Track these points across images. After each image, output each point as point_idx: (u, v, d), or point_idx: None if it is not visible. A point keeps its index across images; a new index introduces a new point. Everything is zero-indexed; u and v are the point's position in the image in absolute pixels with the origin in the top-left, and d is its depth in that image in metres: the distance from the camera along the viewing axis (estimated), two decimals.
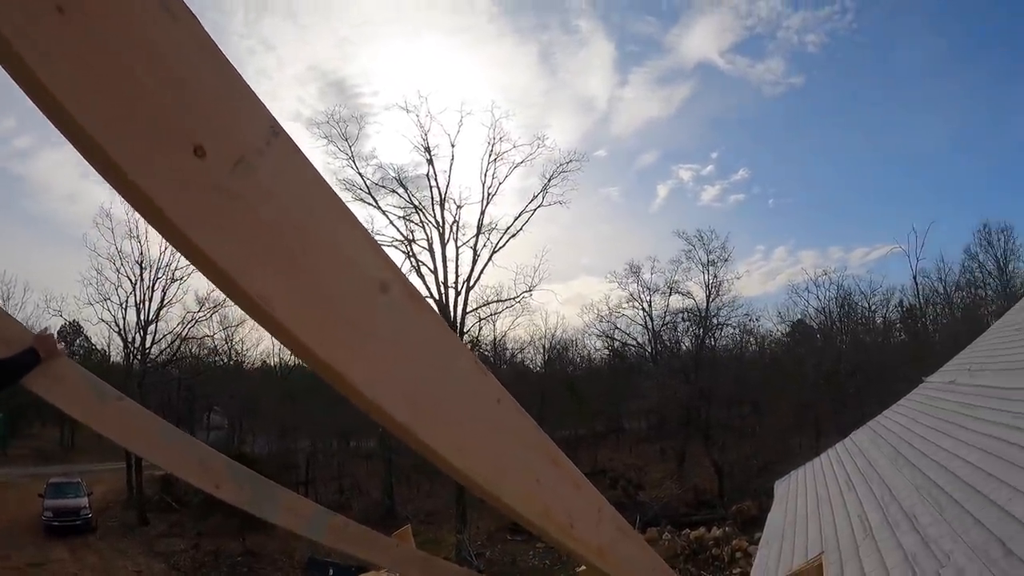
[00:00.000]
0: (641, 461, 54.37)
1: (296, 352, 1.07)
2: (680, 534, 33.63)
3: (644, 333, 62.90)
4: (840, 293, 58.73)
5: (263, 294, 0.97)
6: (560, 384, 61.39)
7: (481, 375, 1.37)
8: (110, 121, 0.83)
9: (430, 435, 1.22)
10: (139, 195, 0.86)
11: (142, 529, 40.23)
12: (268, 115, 1.00)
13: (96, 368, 54.01)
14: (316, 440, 51.39)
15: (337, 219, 1.09)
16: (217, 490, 3.61)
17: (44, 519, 35.69)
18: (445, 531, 39.33)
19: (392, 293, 1.16)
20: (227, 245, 0.93)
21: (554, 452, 1.59)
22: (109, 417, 3.39)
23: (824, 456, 15.95)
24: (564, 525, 1.61)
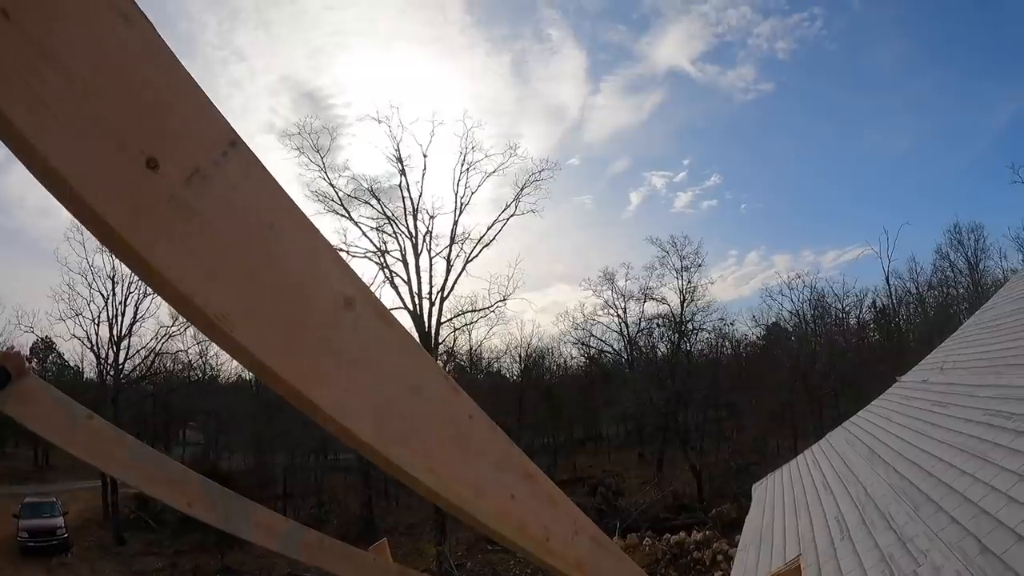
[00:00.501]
0: (620, 467, 54.38)
1: (259, 373, 1.02)
2: (661, 539, 33.61)
3: (620, 340, 63.18)
4: (813, 295, 59.15)
5: (222, 313, 0.93)
6: (537, 392, 61.45)
7: (452, 392, 1.33)
8: (53, 128, 0.80)
9: (399, 456, 1.18)
10: (85, 208, 0.82)
11: (119, 548, 39.77)
12: (225, 124, 0.96)
13: (69, 385, 54.00)
14: (293, 454, 51.07)
15: (300, 232, 1.06)
16: (189, 508, 3.55)
17: (19, 539, 35.08)
18: (425, 543, 39.14)
19: (358, 309, 1.13)
20: (183, 263, 0.89)
21: (528, 466, 1.56)
22: (79, 436, 3.32)
23: (801, 458, 16.03)
24: (540, 540, 1.58)
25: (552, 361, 69.71)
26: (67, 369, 60.04)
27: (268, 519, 3.96)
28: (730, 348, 64.82)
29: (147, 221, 0.86)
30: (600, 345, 63.91)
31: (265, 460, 51.43)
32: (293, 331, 1.02)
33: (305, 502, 50.09)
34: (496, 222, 50.03)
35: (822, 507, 10.15)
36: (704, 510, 40.22)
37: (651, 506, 41.47)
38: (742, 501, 35.24)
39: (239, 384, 63.61)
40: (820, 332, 58.86)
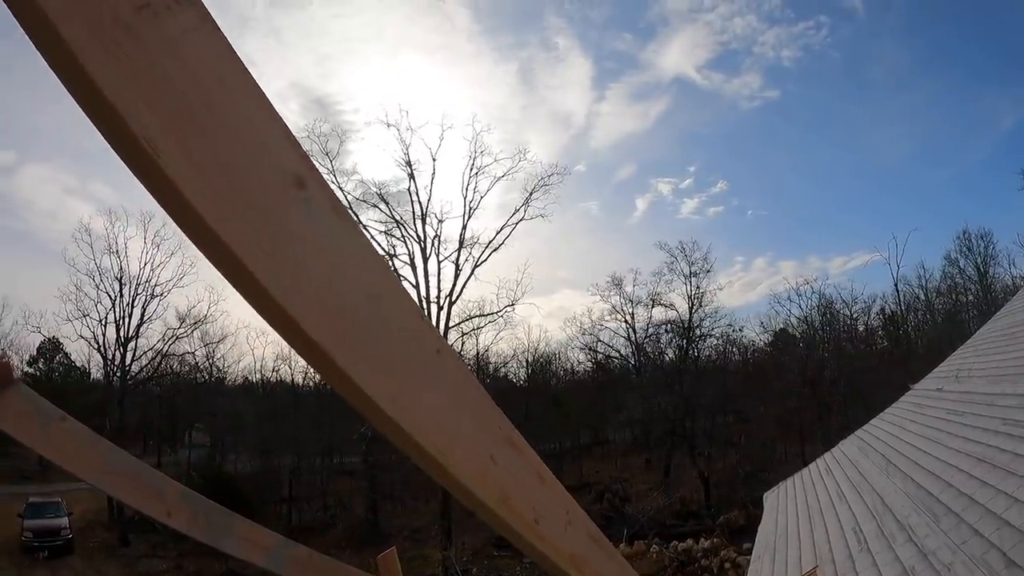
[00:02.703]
0: (627, 473, 54.15)
1: (186, 227, 0.91)
2: (668, 546, 33.40)
3: (627, 345, 63.31)
4: (822, 302, 58.97)
5: (149, 137, 0.84)
6: (544, 398, 61.33)
7: (418, 317, 1.19)
8: None
9: (354, 368, 1.03)
10: (36, 11, 0.77)
11: (123, 550, 39.79)
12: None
13: (76, 385, 54.17)
14: (299, 457, 50.94)
15: (250, 96, 0.99)
16: (168, 518, 3.38)
17: (24, 539, 35.11)
18: (430, 547, 39.00)
19: (310, 191, 1.01)
20: (118, 79, 0.82)
21: (512, 433, 1.41)
22: (52, 439, 3.18)
23: (813, 466, 15.79)
24: (528, 520, 1.42)
25: (559, 366, 69.89)
26: (74, 370, 59.99)
27: (253, 532, 3.76)
28: (738, 354, 64.67)
29: (90, 30, 0.80)
30: (608, 351, 64.04)
31: (271, 463, 51.29)
32: (231, 187, 0.93)
33: (311, 505, 50.18)
34: (505, 226, 50.06)
35: (837, 517, 9.92)
36: (712, 517, 40.03)
37: (658, 512, 41.26)
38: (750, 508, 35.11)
39: (246, 387, 63.70)
40: (828, 338, 58.47)
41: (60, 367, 60.34)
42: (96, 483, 3.31)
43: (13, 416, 3.16)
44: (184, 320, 52.04)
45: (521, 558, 33.44)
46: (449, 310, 49.27)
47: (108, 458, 3.30)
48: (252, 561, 3.74)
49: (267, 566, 3.79)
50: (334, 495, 50.69)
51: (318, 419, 47.49)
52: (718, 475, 46.86)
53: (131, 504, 3.36)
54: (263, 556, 3.76)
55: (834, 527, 9.61)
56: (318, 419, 47.49)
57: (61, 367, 60.37)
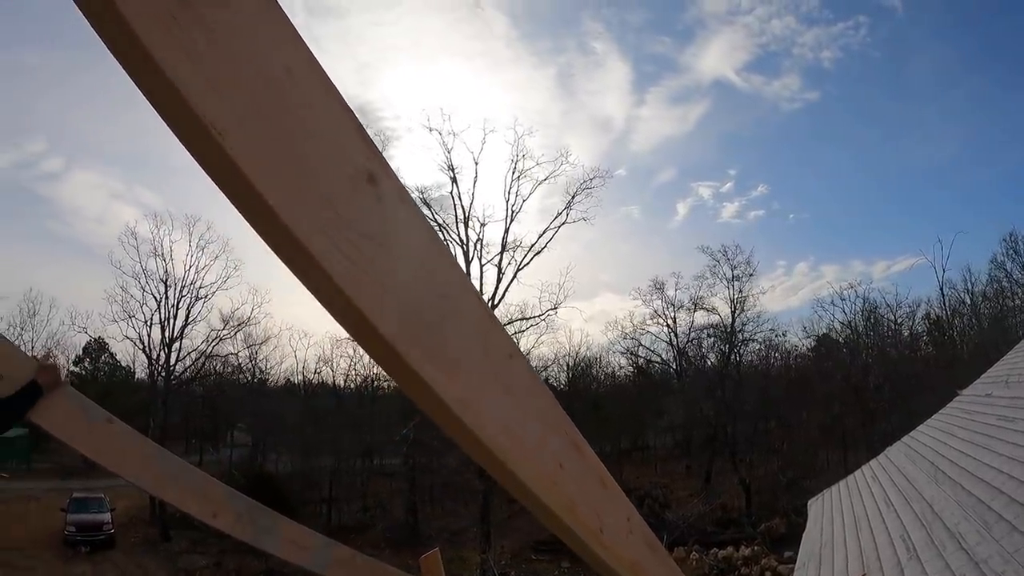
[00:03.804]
0: (667, 479, 53.72)
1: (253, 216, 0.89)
2: (708, 553, 33.20)
3: (669, 350, 62.61)
4: (866, 306, 57.88)
5: (216, 122, 0.82)
6: (585, 402, 60.93)
7: (489, 320, 1.17)
8: None
9: (426, 370, 1.01)
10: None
11: (164, 545, 40.35)
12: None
13: (121, 385, 54.99)
14: (340, 458, 51.15)
15: (321, 89, 0.95)
16: (214, 519, 3.41)
17: (67, 534, 35.80)
18: (469, 550, 39.02)
19: (382, 188, 1.00)
20: (182, 59, 0.80)
21: (577, 437, 1.40)
22: (97, 440, 3.23)
23: (858, 473, 15.59)
24: (593, 529, 1.41)
25: (600, 371, 69.44)
26: (119, 369, 61.23)
27: (297, 533, 3.77)
28: (780, 359, 63.64)
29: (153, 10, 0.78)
30: (649, 355, 63.60)
31: (312, 463, 51.54)
32: (301, 177, 0.90)
33: (350, 506, 50.39)
34: (547, 230, 49.96)
35: (885, 525, 9.77)
36: (753, 524, 39.67)
37: (698, 519, 40.95)
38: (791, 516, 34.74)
39: (288, 388, 64.16)
40: (872, 344, 57.63)
41: (106, 367, 61.70)
42: (142, 484, 3.33)
43: (60, 417, 3.19)
44: (228, 322, 52.67)
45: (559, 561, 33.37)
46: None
47: (154, 459, 3.33)
48: (295, 562, 3.74)
49: (310, 567, 3.79)
50: (374, 496, 50.92)
51: (359, 421, 47.75)
52: (759, 482, 46.41)
53: (177, 505, 3.38)
54: (307, 556, 3.76)
55: (882, 535, 9.47)
56: (359, 421, 47.75)
57: (107, 367, 61.71)
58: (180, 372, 50.91)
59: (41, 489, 45.48)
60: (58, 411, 3.20)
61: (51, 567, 32.79)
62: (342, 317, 0.97)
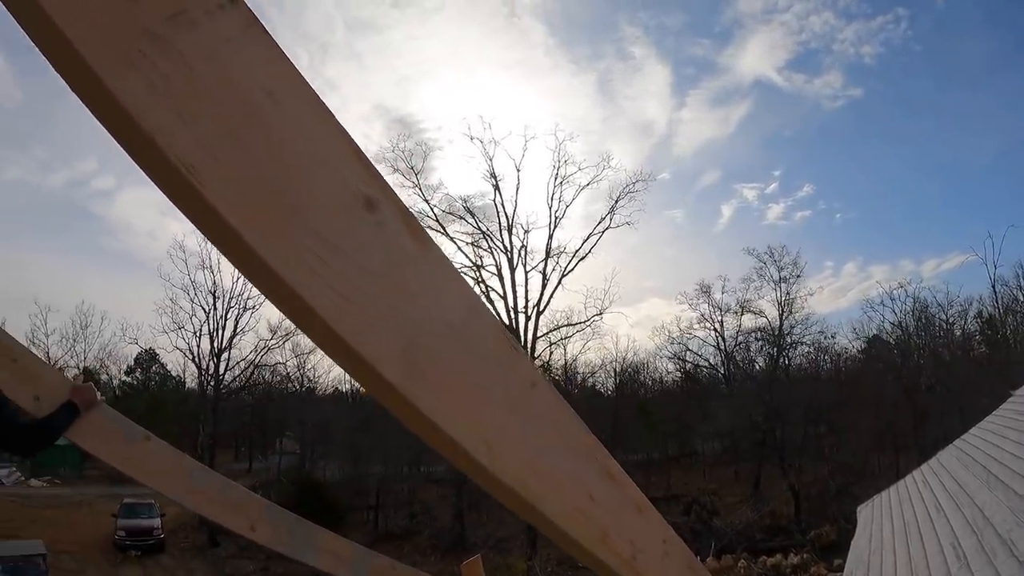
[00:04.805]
0: (715, 485, 53.04)
1: (238, 262, 0.84)
2: (756, 561, 32.77)
3: (716, 354, 62.35)
4: (916, 306, 56.37)
5: (189, 162, 0.77)
6: (632, 408, 60.67)
7: (509, 348, 1.10)
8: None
9: (440, 412, 0.97)
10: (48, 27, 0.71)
11: (212, 550, 41.17)
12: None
13: (171, 394, 55.96)
14: (387, 465, 51.50)
15: (308, 110, 0.90)
16: (252, 532, 3.45)
17: (117, 538, 36.84)
18: (515, 557, 38.97)
19: (382, 214, 0.93)
20: (147, 96, 0.75)
21: (609, 463, 1.32)
22: (136, 458, 3.28)
23: (909, 478, 15.34)
24: (626, 557, 1.33)
25: (647, 376, 68.88)
26: (169, 379, 62.58)
27: (336, 544, 3.80)
28: (830, 362, 62.72)
29: (113, 44, 0.74)
30: (696, 359, 63.10)
31: (359, 471, 51.97)
32: (289, 213, 0.85)
33: (397, 513, 50.61)
34: (591, 235, 49.98)
35: (935, 532, 9.60)
36: (802, 532, 39.15)
37: (747, 526, 40.51)
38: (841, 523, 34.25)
39: (336, 396, 64.83)
40: (923, 344, 56.30)
41: (156, 377, 62.99)
42: (180, 500, 3.38)
43: (98, 436, 3.24)
44: (275, 332, 53.55)
45: None
46: (537, 320, 49.49)
47: (192, 475, 3.37)
48: (335, 573, 3.75)
49: None
50: (421, 503, 51.07)
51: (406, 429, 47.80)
52: (809, 488, 45.77)
53: (215, 519, 3.42)
54: (346, 567, 3.78)
55: (931, 542, 9.30)
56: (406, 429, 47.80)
57: (157, 377, 62.96)
58: (229, 381, 51.93)
59: (92, 495, 46.63)
60: (96, 430, 3.25)
61: (102, 570, 33.58)
62: (343, 362, 0.92)
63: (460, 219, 50.02)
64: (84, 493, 47.95)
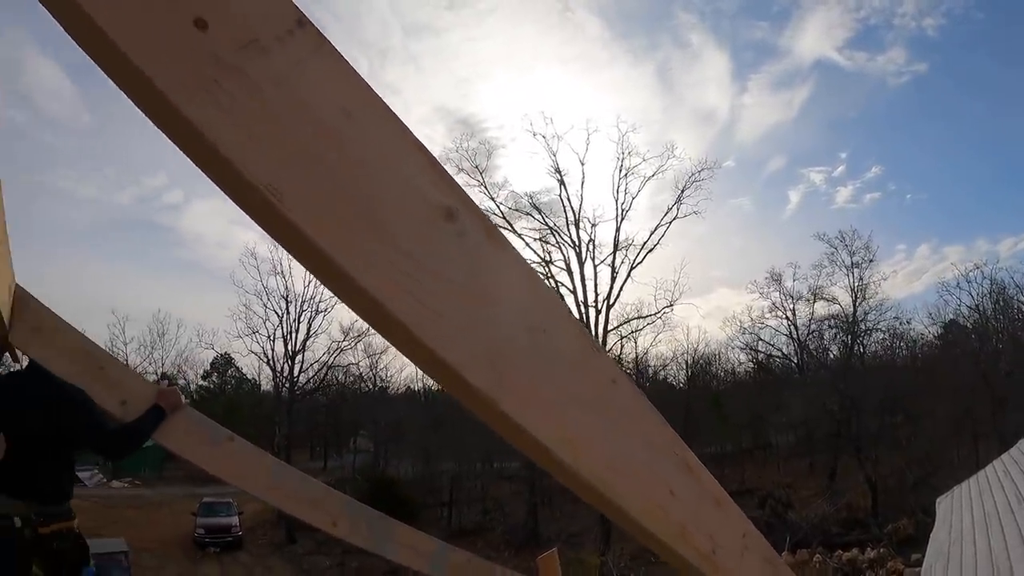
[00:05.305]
0: (789, 478, 51.85)
1: (325, 278, 0.87)
2: (832, 556, 32.10)
3: (789, 343, 60.88)
4: (994, 288, 53.67)
5: (270, 184, 0.80)
6: (704, 400, 59.89)
7: (589, 347, 1.12)
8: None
9: (524, 414, 0.98)
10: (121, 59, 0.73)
11: (290, 547, 42.09)
12: (293, 6, 0.87)
13: (247, 397, 57.14)
14: (460, 462, 51.79)
15: (384, 126, 0.91)
16: (334, 528, 3.57)
17: (196, 536, 38.07)
18: (588, 552, 38.88)
19: (462, 223, 0.95)
20: (226, 123, 0.78)
21: (688, 457, 1.33)
22: (220, 457, 3.40)
23: (989, 468, 15.02)
24: (705, 552, 1.33)
25: (719, 367, 67.73)
26: (245, 382, 64.03)
27: (414, 538, 3.87)
28: (905, 349, 60.74)
29: (187, 76, 0.77)
30: (768, 349, 61.78)
31: (432, 468, 52.35)
32: (372, 229, 0.86)
33: (470, 509, 50.99)
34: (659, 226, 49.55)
35: (1016, 522, 9.42)
36: (879, 525, 38.41)
37: (822, 520, 39.76)
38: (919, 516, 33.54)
39: (408, 395, 65.43)
40: (1002, 327, 53.97)
41: (232, 380, 64.61)
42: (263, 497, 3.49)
43: (184, 438, 3.37)
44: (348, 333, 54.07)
45: None
46: (607, 313, 49.22)
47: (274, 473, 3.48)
48: (412, 566, 3.84)
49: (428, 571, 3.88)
50: (493, 499, 51.21)
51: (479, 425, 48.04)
52: (886, 479, 44.77)
53: (297, 515, 3.53)
54: (424, 561, 3.85)
55: (1012, 533, 9.13)
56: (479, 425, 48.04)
57: (233, 380, 64.55)
58: (303, 383, 52.69)
59: (172, 495, 48.07)
60: (182, 432, 3.38)
61: (181, 567, 34.56)
62: (430, 370, 0.95)
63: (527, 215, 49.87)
64: (164, 493, 49.54)
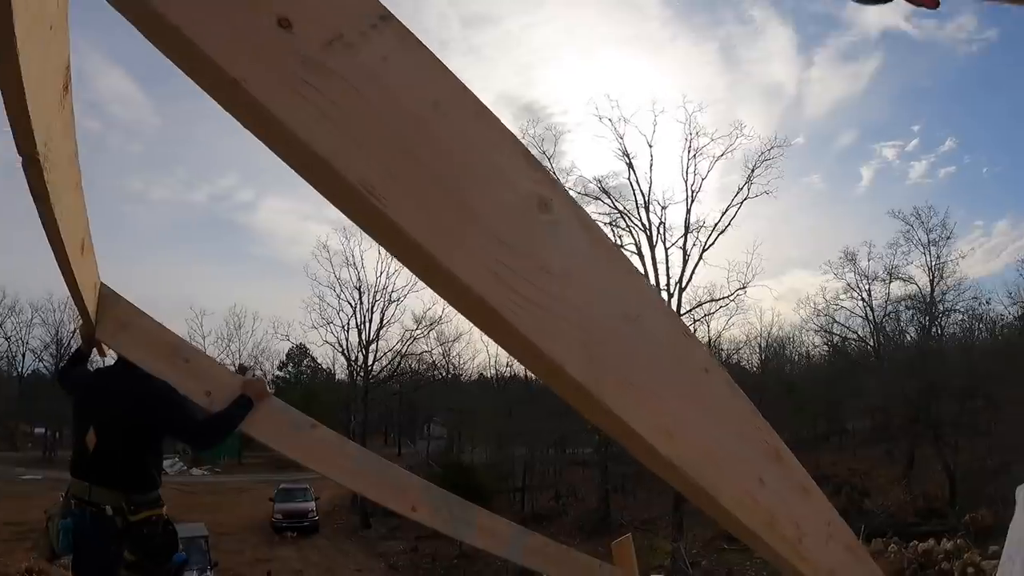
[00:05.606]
0: (865, 465, 50.57)
1: (421, 272, 0.89)
2: (907, 546, 31.30)
3: (865, 325, 58.69)
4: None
5: (366, 182, 0.81)
6: (778, 384, 58.10)
7: (683, 335, 1.12)
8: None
9: (620, 403, 0.97)
10: (206, 61, 0.74)
11: (364, 532, 42.96)
12: (374, 1, 0.86)
13: (322, 386, 58.39)
14: (533, 448, 51.94)
15: (474, 117, 0.91)
16: (413, 512, 3.65)
17: (274, 520, 39.34)
18: (660, 539, 38.69)
19: (556, 213, 0.95)
20: (319, 123, 0.79)
21: (777, 443, 1.34)
22: (304, 445, 3.50)
23: None
24: (792, 539, 1.33)
25: (793, 351, 66.46)
26: (320, 372, 65.66)
27: (492, 523, 3.94)
28: (985, 331, 58.28)
29: (276, 77, 0.77)
30: (844, 332, 59.69)
31: (505, 454, 52.53)
32: (468, 222, 0.87)
33: (543, 495, 51.24)
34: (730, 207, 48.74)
35: None
36: (957, 515, 37.40)
37: (899, 509, 38.87)
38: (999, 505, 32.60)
39: (481, 381, 65.70)
40: None
41: (307, 370, 66.46)
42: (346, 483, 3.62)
43: (269, 427, 3.49)
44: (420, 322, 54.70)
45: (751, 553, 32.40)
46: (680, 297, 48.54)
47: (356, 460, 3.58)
48: (491, 550, 3.93)
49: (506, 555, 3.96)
50: (566, 485, 51.56)
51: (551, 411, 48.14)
52: (966, 467, 43.22)
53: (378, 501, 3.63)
54: (502, 545, 3.91)
55: None
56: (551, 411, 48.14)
57: (308, 370, 66.36)
58: (377, 371, 53.40)
59: (251, 481, 50.13)
60: (267, 421, 3.50)
61: (259, 551, 35.35)
62: (527, 361, 0.95)
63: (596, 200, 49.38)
64: (243, 480, 51.70)
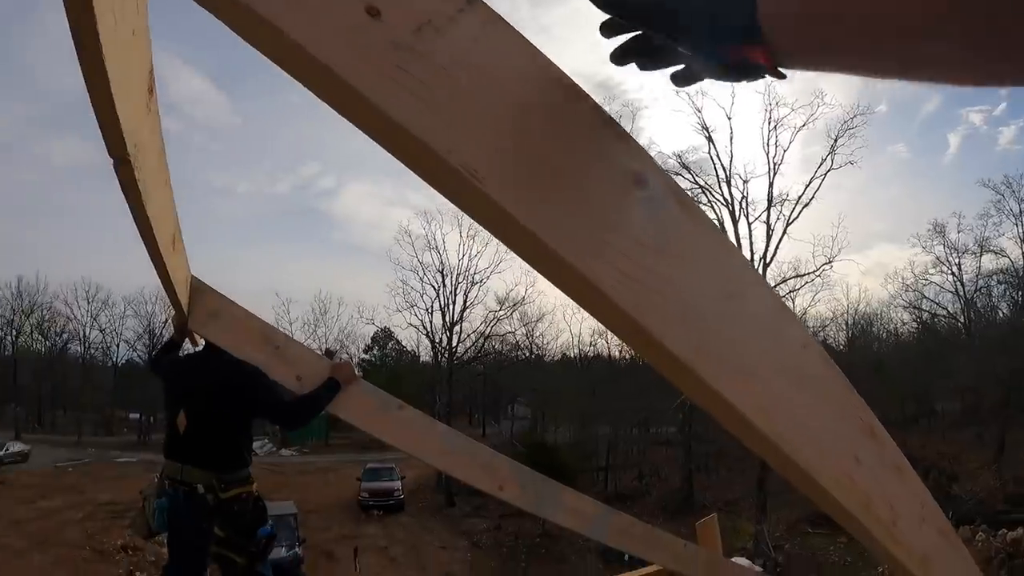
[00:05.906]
0: (954, 448, 47.98)
1: (522, 251, 0.88)
2: (995, 535, 29.90)
3: (955, 301, 55.91)
4: None
5: (469, 166, 0.80)
6: (865, 363, 55.21)
7: (781, 311, 1.10)
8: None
9: (720, 380, 0.96)
10: (302, 54, 0.75)
11: (449, 510, 43.57)
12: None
13: (407, 368, 59.69)
14: (616, 427, 52.09)
15: (561, 95, 0.90)
16: (500, 492, 3.69)
17: (361, 499, 40.55)
18: (743, 520, 38.17)
19: (652, 189, 0.93)
20: (419, 109, 0.78)
21: (872, 421, 1.29)
22: (390, 425, 3.59)
23: None
24: (886, 521, 1.29)
25: (881, 328, 63.81)
26: (405, 354, 67.20)
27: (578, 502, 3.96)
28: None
29: (370, 65, 0.77)
30: (934, 308, 57.16)
31: (589, 433, 52.66)
32: (564, 198, 0.86)
33: (626, 474, 51.43)
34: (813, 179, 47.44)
35: None
36: None
37: (989, 495, 37.41)
38: None
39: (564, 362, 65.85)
40: None
41: (392, 353, 68.25)
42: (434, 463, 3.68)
43: (358, 408, 3.58)
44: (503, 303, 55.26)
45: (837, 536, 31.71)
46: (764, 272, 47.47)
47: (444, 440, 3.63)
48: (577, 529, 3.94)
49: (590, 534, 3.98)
50: (649, 464, 51.44)
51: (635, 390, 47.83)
52: None
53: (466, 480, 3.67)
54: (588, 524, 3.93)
55: None
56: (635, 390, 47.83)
57: (393, 352, 68.15)
58: (461, 353, 54.11)
59: (338, 461, 51.52)
60: (355, 403, 3.59)
61: (346, 528, 36.35)
62: (627, 337, 0.94)
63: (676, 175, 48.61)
64: (330, 460, 53.19)
